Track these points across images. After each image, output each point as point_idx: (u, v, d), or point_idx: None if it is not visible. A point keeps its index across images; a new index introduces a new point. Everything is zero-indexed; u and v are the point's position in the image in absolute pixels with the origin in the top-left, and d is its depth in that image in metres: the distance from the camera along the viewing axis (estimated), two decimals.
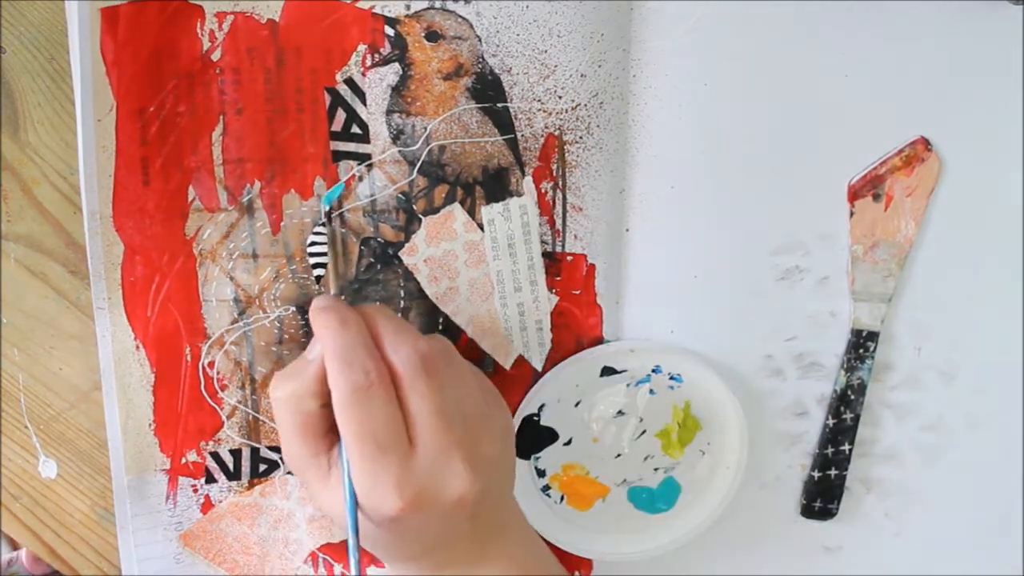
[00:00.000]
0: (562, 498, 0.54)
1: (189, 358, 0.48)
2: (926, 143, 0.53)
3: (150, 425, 0.48)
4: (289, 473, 0.50)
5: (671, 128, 0.51)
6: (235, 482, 0.50)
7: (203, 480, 0.50)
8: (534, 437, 0.53)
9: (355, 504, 0.40)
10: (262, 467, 0.50)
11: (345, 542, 0.51)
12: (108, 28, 0.43)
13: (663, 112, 0.50)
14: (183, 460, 0.49)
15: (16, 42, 0.45)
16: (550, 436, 0.53)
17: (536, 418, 0.52)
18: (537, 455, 0.53)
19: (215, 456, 0.49)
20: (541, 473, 0.54)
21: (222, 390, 0.49)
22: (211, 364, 0.48)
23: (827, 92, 0.52)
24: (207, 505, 0.50)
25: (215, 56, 0.45)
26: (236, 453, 0.50)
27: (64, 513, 0.49)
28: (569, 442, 0.53)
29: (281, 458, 0.50)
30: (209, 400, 0.49)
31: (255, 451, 0.50)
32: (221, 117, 0.46)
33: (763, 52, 0.51)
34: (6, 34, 0.45)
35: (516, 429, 0.51)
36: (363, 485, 0.40)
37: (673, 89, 0.50)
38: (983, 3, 0.51)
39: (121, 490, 0.49)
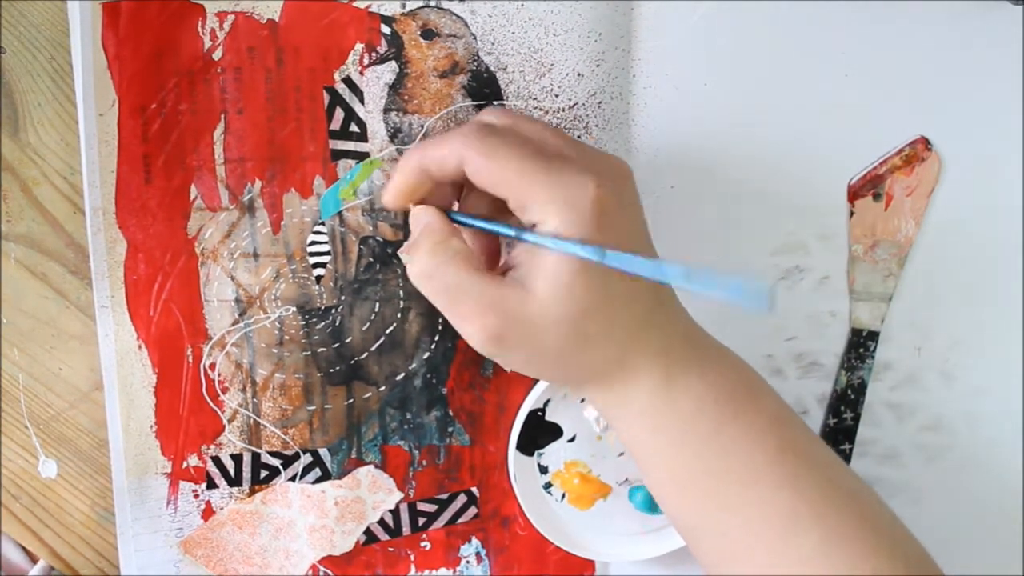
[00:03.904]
0: (563, 496, 0.54)
1: (191, 359, 0.48)
2: (926, 143, 0.53)
3: (151, 427, 0.48)
4: (291, 480, 0.50)
5: (671, 128, 0.51)
6: (236, 488, 0.50)
7: (204, 485, 0.49)
8: (538, 433, 0.53)
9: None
10: (263, 473, 0.50)
11: (345, 553, 0.51)
12: (110, 22, 0.44)
13: (663, 112, 0.51)
14: (184, 464, 0.49)
15: (16, 42, 0.45)
16: (554, 432, 0.53)
17: (541, 413, 0.53)
18: (540, 451, 0.53)
19: (216, 461, 0.49)
20: (544, 470, 0.54)
21: (223, 392, 0.49)
22: (212, 366, 0.48)
23: (827, 92, 0.52)
24: (208, 511, 0.50)
25: (216, 55, 0.45)
26: (237, 458, 0.50)
27: (64, 513, 0.49)
28: (573, 439, 0.53)
29: (283, 464, 0.50)
30: (210, 403, 0.49)
31: (256, 456, 0.50)
32: (222, 116, 0.46)
33: (763, 52, 0.51)
34: (6, 34, 0.45)
35: (520, 424, 0.52)
36: (553, 190, 0.38)
37: (673, 89, 0.50)
38: (983, 3, 0.52)
39: (121, 493, 0.48)
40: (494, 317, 0.39)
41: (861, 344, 0.55)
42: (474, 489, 0.53)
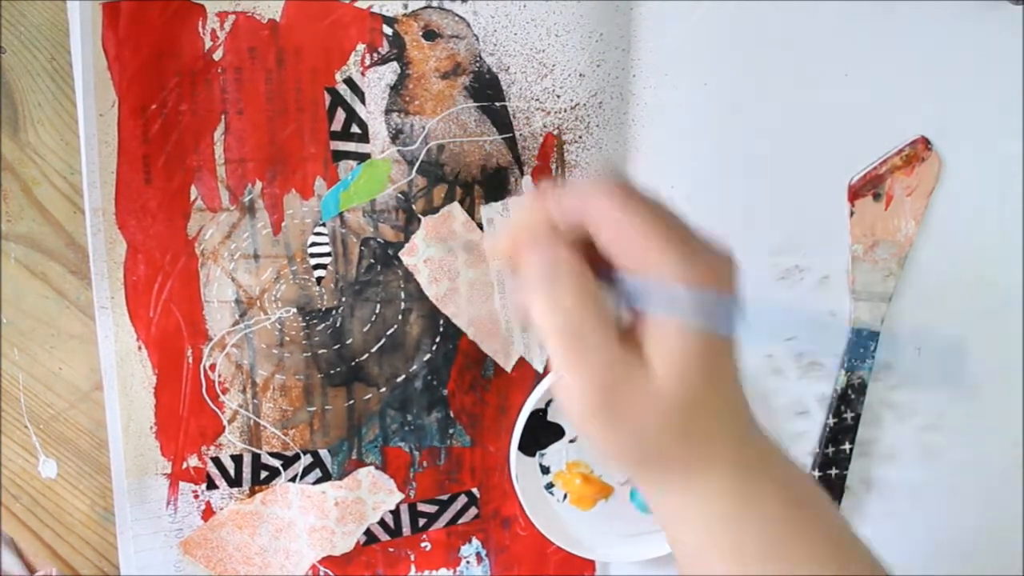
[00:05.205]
0: (565, 496, 0.54)
1: (191, 360, 0.48)
2: (926, 143, 0.53)
3: (151, 428, 0.48)
4: (291, 480, 0.50)
5: (671, 128, 0.51)
6: (236, 489, 0.50)
7: (204, 486, 0.49)
8: (540, 433, 0.53)
9: None
10: (263, 474, 0.50)
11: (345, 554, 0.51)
12: (110, 23, 0.44)
13: (663, 112, 0.51)
14: (184, 465, 0.49)
15: (16, 42, 0.45)
16: (556, 432, 0.53)
17: (543, 414, 0.53)
18: (543, 451, 0.53)
19: (216, 461, 0.49)
20: (545, 470, 0.54)
21: (223, 393, 0.49)
22: (212, 367, 0.48)
23: (827, 92, 0.52)
24: (208, 512, 0.50)
25: (217, 55, 0.45)
26: (237, 459, 0.50)
27: (64, 513, 0.49)
28: (575, 439, 0.53)
29: (283, 465, 0.50)
30: (210, 403, 0.49)
31: (256, 457, 0.50)
32: (223, 116, 0.46)
33: (763, 52, 0.51)
34: (6, 34, 0.45)
35: (522, 425, 0.51)
36: (675, 261, 0.34)
37: (673, 89, 0.50)
38: (983, 3, 0.52)
39: (121, 493, 0.48)
40: (611, 379, 0.35)
41: (861, 344, 0.55)
42: (475, 490, 0.52)
